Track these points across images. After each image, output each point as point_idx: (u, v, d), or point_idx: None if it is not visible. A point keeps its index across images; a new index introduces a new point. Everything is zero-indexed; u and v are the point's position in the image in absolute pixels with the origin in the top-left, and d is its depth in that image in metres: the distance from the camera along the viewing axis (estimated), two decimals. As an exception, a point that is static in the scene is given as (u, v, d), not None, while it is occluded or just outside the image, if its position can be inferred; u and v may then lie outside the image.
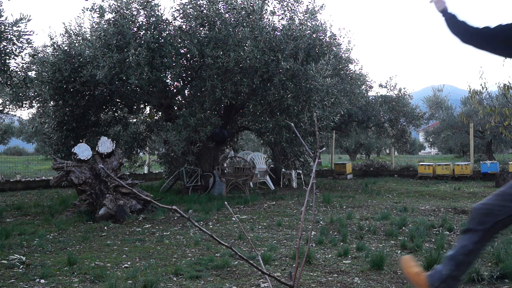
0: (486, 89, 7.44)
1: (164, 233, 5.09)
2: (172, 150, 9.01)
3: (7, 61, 6.67)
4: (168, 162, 10.58)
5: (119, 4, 7.51)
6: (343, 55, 9.73)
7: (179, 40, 7.65)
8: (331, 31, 8.93)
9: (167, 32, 7.71)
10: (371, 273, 3.48)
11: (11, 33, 6.52)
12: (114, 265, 3.71)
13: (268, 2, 8.18)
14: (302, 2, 8.55)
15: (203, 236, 4.84)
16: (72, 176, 6.33)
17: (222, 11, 7.65)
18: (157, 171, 13.82)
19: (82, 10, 8.01)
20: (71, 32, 8.63)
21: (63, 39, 8.58)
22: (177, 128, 7.76)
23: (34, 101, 9.10)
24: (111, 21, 7.50)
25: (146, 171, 13.44)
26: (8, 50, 6.61)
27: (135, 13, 7.58)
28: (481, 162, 13.51)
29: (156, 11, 7.59)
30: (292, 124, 2.74)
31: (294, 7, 8.49)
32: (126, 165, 10.33)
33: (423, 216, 6.25)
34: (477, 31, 2.47)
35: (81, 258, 3.88)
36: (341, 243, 4.51)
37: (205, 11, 7.62)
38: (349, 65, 10.29)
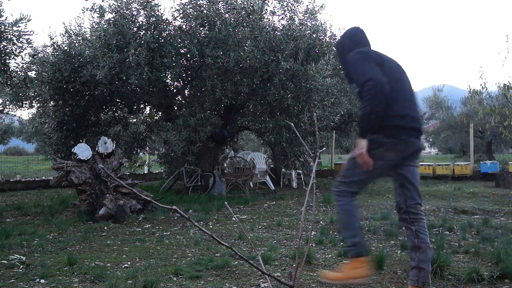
0: (486, 89, 7.45)
1: (164, 233, 5.09)
2: (172, 150, 9.01)
3: (7, 61, 6.67)
4: (168, 162, 10.58)
5: (119, 4, 7.51)
6: (343, 55, 9.73)
7: (179, 40, 7.65)
8: (331, 31, 8.95)
9: (167, 32, 7.71)
10: (371, 273, 3.48)
11: (11, 33, 6.52)
12: (114, 265, 3.71)
13: (268, 2, 8.18)
14: (302, 2, 8.56)
15: (203, 236, 4.84)
16: (72, 176, 6.33)
17: (222, 11, 7.65)
18: (157, 171, 13.81)
19: (82, 10, 8.03)
20: (71, 32, 8.63)
21: (63, 39, 8.58)
22: (177, 128, 7.76)
23: (34, 101, 9.10)
24: (111, 21, 7.50)
25: (146, 171, 13.44)
26: (8, 50, 6.61)
27: (135, 13, 7.58)
28: (481, 162, 13.51)
29: (156, 11, 7.59)
30: (292, 124, 2.74)
31: (294, 7, 8.50)
32: (126, 165, 10.33)
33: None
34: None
35: (81, 258, 3.88)
36: (341, 243, 4.51)
37: (205, 11, 7.62)
38: (349, 65, 10.29)
